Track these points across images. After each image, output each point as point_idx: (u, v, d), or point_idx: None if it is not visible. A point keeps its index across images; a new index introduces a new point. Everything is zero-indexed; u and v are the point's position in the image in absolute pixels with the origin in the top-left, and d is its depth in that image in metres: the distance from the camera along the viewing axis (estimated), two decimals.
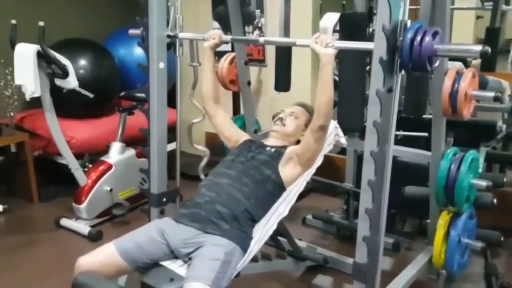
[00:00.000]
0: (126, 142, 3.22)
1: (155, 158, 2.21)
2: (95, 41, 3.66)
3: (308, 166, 1.94)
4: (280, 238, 2.32)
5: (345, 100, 2.53)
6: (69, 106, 3.27)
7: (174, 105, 2.71)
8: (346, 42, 1.85)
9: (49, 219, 3.11)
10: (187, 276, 1.61)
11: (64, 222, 3.04)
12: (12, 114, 3.22)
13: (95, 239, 2.86)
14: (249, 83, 2.71)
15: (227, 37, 2.11)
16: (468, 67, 3.60)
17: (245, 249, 1.76)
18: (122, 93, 3.38)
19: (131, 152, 3.22)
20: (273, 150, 2.00)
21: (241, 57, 2.64)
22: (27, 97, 2.65)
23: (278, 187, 1.92)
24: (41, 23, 2.57)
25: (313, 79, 3.39)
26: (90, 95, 3.31)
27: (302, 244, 2.55)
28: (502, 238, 2.39)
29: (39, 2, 3.66)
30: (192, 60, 2.78)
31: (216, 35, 2.04)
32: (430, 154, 2.19)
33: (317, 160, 2.01)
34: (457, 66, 3.54)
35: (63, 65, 2.62)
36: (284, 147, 2.02)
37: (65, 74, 2.64)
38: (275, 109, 2.24)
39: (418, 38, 1.48)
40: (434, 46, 1.49)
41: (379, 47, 1.50)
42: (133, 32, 2.21)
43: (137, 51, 3.56)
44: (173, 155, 2.69)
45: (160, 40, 2.11)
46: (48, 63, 2.64)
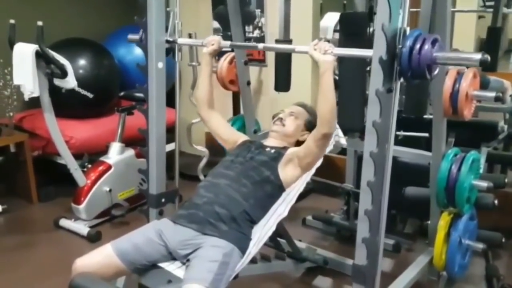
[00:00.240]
0: (126, 142, 3.21)
1: (153, 159, 2.20)
2: (95, 41, 3.65)
3: (307, 169, 1.94)
4: (279, 239, 2.31)
5: (346, 100, 2.51)
6: (68, 106, 3.26)
7: (174, 105, 2.69)
8: (345, 49, 1.83)
9: (48, 219, 3.10)
10: (185, 278, 1.60)
11: (63, 222, 3.03)
12: (12, 114, 3.21)
13: (94, 239, 2.85)
14: (248, 83, 2.70)
15: (226, 43, 2.12)
16: (469, 67, 3.60)
17: (243, 250, 1.75)
18: (122, 93, 3.37)
19: (130, 152, 3.20)
20: (273, 151, 1.99)
21: (240, 57, 2.63)
22: (26, 97, 2.64)
23: (277, 188, 1.91)
24: (40, 23, 2.55)
25: (314, 79, 3.38)
26: (90, 95, 3.31)
27: (302, 245, 2.53)
28: (503, 239, 2.38)
29: (38, 2, 3.65)
30: (191, 60, 2.77)
31: (215, 41, 2.04)
32: (430, 154, 2.17)
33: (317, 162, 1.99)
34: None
35: (61, 64, 2.61)
36: (284, 148, 2.01)
37: (63, 74, 2.63)
38: (276, 109, 2.23)
39: (417, 46, 1.47)
40: (434, 54, 1.48)
41: (378, 53, 1.49)
42: (132, 37, 2.21)
43: (137, 50, 3.48)
44: (172, 155, 2.67)
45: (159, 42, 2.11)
46: (47, 63, 2.62)
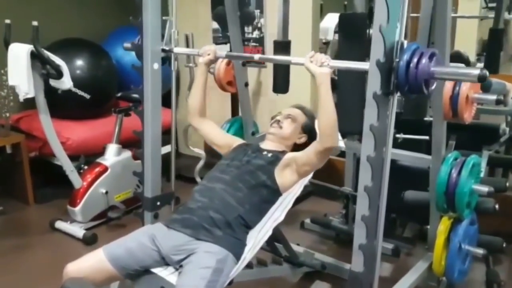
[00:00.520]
0: (123, 143, 3.17)
1: (149, 161, 2.16)
2: (93, 41, 3.62)
3: (305, 175, 1.91)
4: (276, 244, 2.27)
5: (344, 102, 2.46)
6: (65, 107, 3.23)
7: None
8: (342, 61, 1.82)
9: (44, 221, 3.07)
10: (177, 285, 1.58)
11: (59, 224, 3.00)
12: (8, 114, 3.19)
13: (90, 242, 2.82)
14: (246, 85, 2.67)
15: (222, 53, 2.12)
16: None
17: (238, 256, 1.72)
18: (119, 94, 3.34)
19: (127, 154, 3.17)
20: (270, 154, 1.95)
21: None
22: (21, 98, 2.61)
23: (274, 192, 1.87)
24: (35, 23, 2.52)
25: (313, 80, 3.32)
26: (87, 96, 3.28)
27: (299, 249, 2.50)
28: (504, 244, 2.34)
29: (36, 2, 3.62)
30: (188, 61, 2.73)
31: (211, 51, 2.01)
32: (430, 158, 2.13)
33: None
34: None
35: (57, 65, 2.58)
36: (282, 153, 1.97)
37: (59, 74, 2.60)
38: (275, 111, 2.20)
39: (415, 60, 1.44)
40: (431, 69, 1.45)
41: (375, 56, 1.46)
42: (128, 45, 2.18)
43: None
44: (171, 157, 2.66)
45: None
46: (42, 64, 2.59)
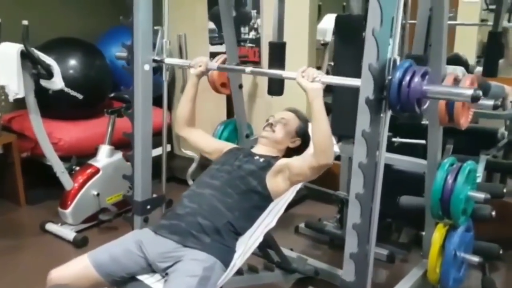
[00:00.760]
0: (116, 145, 3.12)
1: (139, 164, 2.11)
2: (86, 41, 3.57)
3: (296, 183, 1.87)
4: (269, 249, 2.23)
5: (339, 105, 2.43)
6: (57, 107, 3.19)
7: (169, 108, 2.62)
8: (334, 77, 1.80)
9: (35, 223, 3.02)
10: None
11: (50, 227, 2.96)
12: (0, 114, 3.14)
13: (80, 245, 2.77)
14: (240, 87, 2.62)
15: (214, 65, 2.11)
16: (471, 73, 3.52)
17: (227, 263, 1.67)
18: (112, 94, 3.29)
19: (119, 155, 3.12)
20: (262, 159, 1.91)
21: (232, 59, 2.54)
22: (11, 98, 2.56)
23: (265, 198, 1.83)
24: (25, 22, 2.47)
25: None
26: (79, 96, 3.23)
27: (292, 254, 2.45)
28: (501, 251, 2.29)
29: (29, 0, 3.56)
30: None
31: (202, 63, 1.99)
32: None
33: None
34: (459, 71, 3.46)
35: (47, 65, 2.53)
36: (275, 158, 1.93)
37: (49, 74, 2.55)
38: (271, 113, 2.16)
39: (407, 78, 1.40)
40: (424, 88, 1.41)
41: (368, 60, 1.45)
42: (120, 55, 2.16)
43: None
44: (167, 158, 2.61)
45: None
46: (33, 64, 2.54)
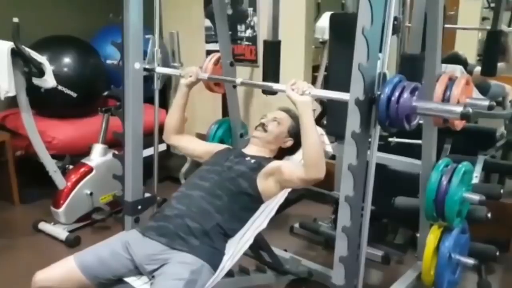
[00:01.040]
0: (109, 144, 3.09)
1: (129, 164, 2.08)
2: (81, 38, 3.53)
3: (287, 188, 1.85)
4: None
5: (334, 105, 2.40)
6: (51, 105, 3.17)
7: (165, 105, 2.59)
8: (323, 91, 1.80)
9: (28, 222, 2.99)
10: None
11: (43, 226, 2.93)
12: None
13: (73, 245, 2.75)
14: (234, 86, 2.59)
15: (205, 75, 2.09)
16: (470, 72, 3.48)
17: (215, 266, 1.65)
18: (106, 92, 3.26)
19: None
20: (253, 161, 1.88)
21: (226, 57, 2.51)
22: (1, 97, 2.52)
23: (255, 200, 1.80)
24: (16, 20, 2.44)
25: (306, 80, 3.25)
26: (73, 94, 3.20)
27: (286, 255, 2.42)
28: (497, 253, 2.26)
29: None
30: (173, 61, 2.67)
31: (193, 73, 1.98)
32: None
33: None
34: (458, 70, 3.42)
35: (38, 63, 2.49)
36: (267, 159, 1.90)
37: (41, 73, 2.52)
38: (267, 111, 2.13)
39: (396, 94, 1.38)
40: (413, 104, 1.39)
41: (358, 60, 1.42)
42: (111, 62, 2.14)
43: None
44: (164, 156, 2.59)
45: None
46: (24, 62, 2.51)
